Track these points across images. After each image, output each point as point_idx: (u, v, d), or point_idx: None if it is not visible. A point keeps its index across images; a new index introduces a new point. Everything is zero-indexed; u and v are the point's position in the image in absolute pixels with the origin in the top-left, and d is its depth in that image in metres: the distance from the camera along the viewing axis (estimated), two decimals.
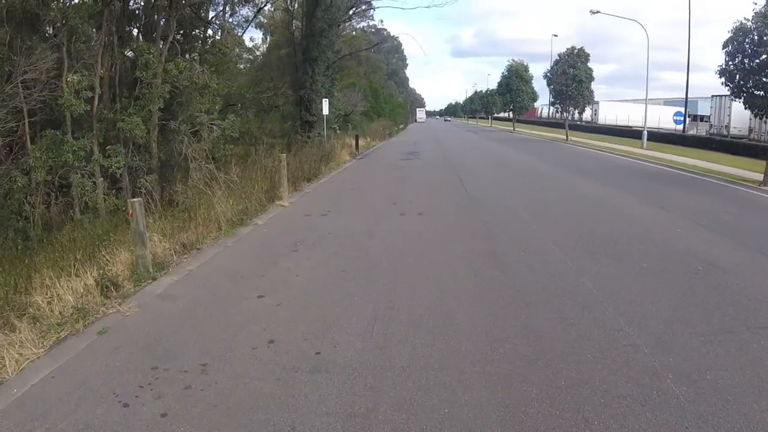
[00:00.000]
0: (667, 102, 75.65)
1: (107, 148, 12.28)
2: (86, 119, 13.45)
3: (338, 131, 29.77)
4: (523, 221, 9.81)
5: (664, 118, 51.70)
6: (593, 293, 5.93)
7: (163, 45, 14.89)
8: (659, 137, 34.93)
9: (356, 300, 5.63)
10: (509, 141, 38.58)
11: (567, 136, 37.15)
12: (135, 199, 6.69)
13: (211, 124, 13.39)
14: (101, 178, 12.78)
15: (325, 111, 22.19)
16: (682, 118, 47.01)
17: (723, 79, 17.91)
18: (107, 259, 6.82)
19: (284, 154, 13.23)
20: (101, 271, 6.32)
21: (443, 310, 5.36)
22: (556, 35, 70.48)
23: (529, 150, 29.45)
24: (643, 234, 8.97)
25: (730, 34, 17.78)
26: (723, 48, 17.91)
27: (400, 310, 5.33)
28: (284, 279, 6.41)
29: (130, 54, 15.08)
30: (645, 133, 31.17)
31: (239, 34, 24.79)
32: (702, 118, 50.86)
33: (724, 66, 17.88)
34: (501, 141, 38.68)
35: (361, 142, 28.41)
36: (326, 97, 22.78)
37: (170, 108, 15.62)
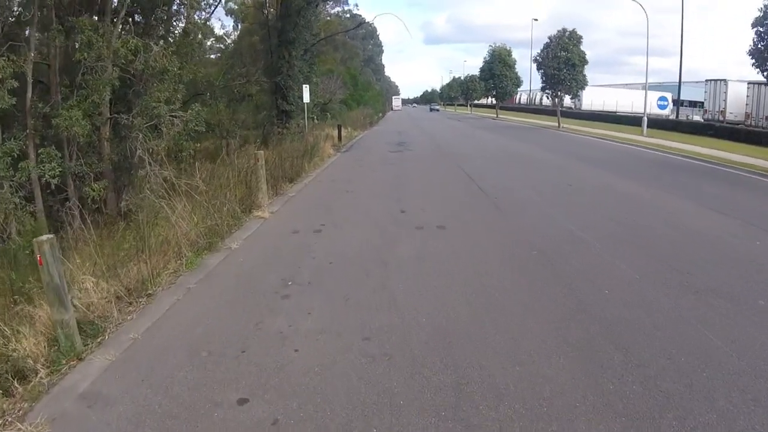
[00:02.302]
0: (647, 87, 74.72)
1: (39, 151, 9.74)
2: (19, 116, 10.90)
3: (316, 121, 27.35)
4: (574, 235, 7.66)
5: (639, 103, 50.38)
6: (736, 364, 4.00)
7: (114, 22, 12.31)
8: (651, 123, 33.20)
9: (404, 407, 3.40)
10: (498, 129, 36.50)
11: (559, 123, 35.26)
12: (44, 237, 4.29)
13: (171, 116, 10.89)
14: (38, 190, 10.26)
15: (306, 99, 19.72)
16: (665, 103, 45.80)
17: (753, 61, 16.30)
18: (12, 329, 4.49)
19: (262, 152, 10.86)
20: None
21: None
22: (536, 19, 68.42)
23: (526, 138, 27.39)
24: (725, 251, 7.08)
25: (760, 14, 16.16)
26: (752, 27, 16.28)
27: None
28: (276, 358, 4.12)
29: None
30: (645, 119, 29.62)
31: (206, 13, 22.07)
32: (683, 103, 49.84)
33: (753, 47, 16.22)
34: (490, 129, 36.57)
35: (342, 132, 25.97)
36: (306, 83, 20.29)
37: (125, 99, 13.09)
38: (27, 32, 11.94)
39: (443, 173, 14.47)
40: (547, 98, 38.63)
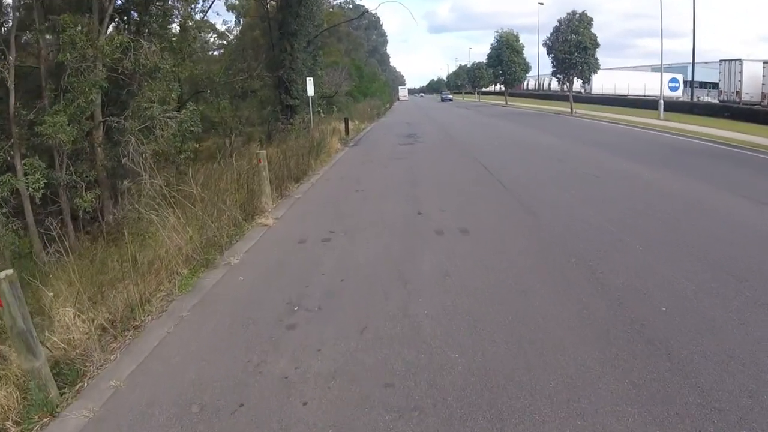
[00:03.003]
0: (655, 69, 73.08)
1: (23, 162, 9.03)
2: (3, 125, 10.21)
3: (322, 115, 26.56)
4: (611, 236, 6.85)
5: (651, 86, 49.05)
6: None
7: (102, 20, 11.56)
8: (666, 106, 31.94)
9: None
10: (510, 116, 35.49)
11: (572, 109, 34.23)
12: (2, 274, 3.58)
13: (164, 117, 10.11)
14: (28, 203, 9.58)
15: (311, 92, 18.90)
16: (677, 85, 44.57)
17: None
18: None
19: (264, 151, 10.11)
20: None
21: None
22: (542, 3, 66.97)
23: (540, 126, 26.39)
24: None
25: None
26: None
27: None
28: (281, 415, 3.38)
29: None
30: (661, 103, 28.47)
31: (204, 6, 21.32)
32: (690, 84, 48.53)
33: None
34: (501, 116, 35.56)
35: (349, 125, 25.06)
36: (310, 76, 19.48)
37: (118, 100, 12.37)
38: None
39: (459, 167, 13.62)
40: (558, 83, 37.42)
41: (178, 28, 13.65)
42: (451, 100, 78.82)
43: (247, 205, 8.80)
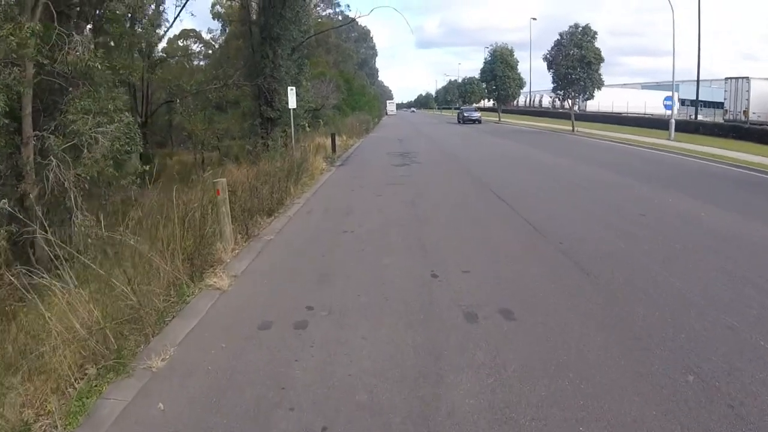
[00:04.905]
0: (645, 86, 72.05)
1: None
2: None
3: (308, 129, 24.20)
4: (729, 328, 4.57)
5: (651, 104, 47.61)
6: None
7: (34, 11, 9.20)
8: (665, 125, 29.96)
9: None
10: (508, 134, 33.35)
11: (573, 127, 32.32)
12: None
13: (93, 132, 7.69)
14: None
15: (292, 104, 16.54)
16: (671, 103, 43.19)
17: None
18: None
19: (224, 179, 7.75)
20: None
21: None
22: (534, 19, 65.70)
23: (544, 145, 24.24)
24: None
25: None
26: None
27: None
28: None
29: None
30: (672, 123, 26.77)
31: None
32: (683, 102, 47.20)
33: None
34: (499, 134, 33.38)
35: (336, 141, 22.69)
36: (293, 86, 17.14)
37: (55, 109, 10.00)
38: None
39: (468, 198, 11.24)
40: (557, 100, 35.42)
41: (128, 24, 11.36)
42: (479, 121, 51.31)
43: (196, 255, 6.44)
